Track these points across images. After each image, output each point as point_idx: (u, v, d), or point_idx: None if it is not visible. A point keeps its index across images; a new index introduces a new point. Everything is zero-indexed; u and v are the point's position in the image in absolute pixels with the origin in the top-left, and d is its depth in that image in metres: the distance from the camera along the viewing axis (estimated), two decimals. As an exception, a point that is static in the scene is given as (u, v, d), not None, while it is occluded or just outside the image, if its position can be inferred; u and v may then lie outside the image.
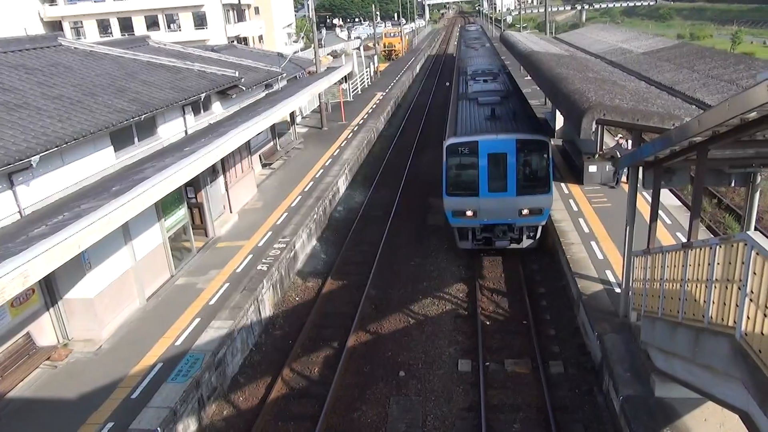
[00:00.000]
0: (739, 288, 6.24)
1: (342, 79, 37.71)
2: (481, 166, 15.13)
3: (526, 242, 16.25)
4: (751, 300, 6.00)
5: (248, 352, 13.34)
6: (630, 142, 12.28)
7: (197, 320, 12.91)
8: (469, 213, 15.58)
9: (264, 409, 11.41)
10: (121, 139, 15.53)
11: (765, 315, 5.67)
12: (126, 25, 52.05)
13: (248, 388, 12.24)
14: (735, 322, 6.33)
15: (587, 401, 11.03)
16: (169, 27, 54.01)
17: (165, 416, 9.89)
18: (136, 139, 16.28)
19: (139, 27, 51.67)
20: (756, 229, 11.16)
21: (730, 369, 6.47)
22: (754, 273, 5.92)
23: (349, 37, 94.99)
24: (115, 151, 15.28)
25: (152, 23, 53.20)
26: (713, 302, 7.04)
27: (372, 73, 52.07)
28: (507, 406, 11.09)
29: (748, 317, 6.06)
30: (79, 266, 11.86)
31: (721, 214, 20.10)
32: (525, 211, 15.41)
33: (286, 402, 11.78)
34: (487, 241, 16.23)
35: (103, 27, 53.58)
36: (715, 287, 7.00)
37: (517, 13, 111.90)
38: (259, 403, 11.71)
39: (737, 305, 6.30)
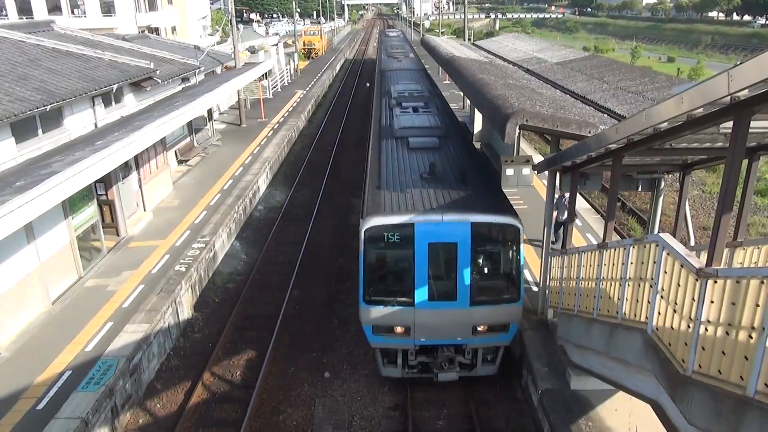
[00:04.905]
0: (651, 286, 6.69)
1: (262, 75, 36.93)
2: (419, 262, 10.12)
3: (482, 370, 11.27)
4: (661, 297, 6.46)
5: (166, 356, 12.75)
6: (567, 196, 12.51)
7: (109, 324, 12.19)
8: (398, 329, 10.61)
9: (183, 415, 10.95)
10: (23, 130, 14.38)
11: (674, 311, 6.11)
12: (24, 7, 48.17)
13: (166, 395, 11.69)
14: (647, 317, 6.77)
15: (508, 396, 11.45)
16: (72, 12, 50.51)
17: (75, 427, 9.25)
18: (40, 131, 15.14)
19: (40, 10, 47.95)
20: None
21: (642, 362, 6.91)
22: (665, 272, 6.38)
23: (267, 33, 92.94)
24: (17, 143, 14.14)
25: (54, 7, 49.59)
26: (626, 299, 7.51)
27: (292, 71, 51.42)
28: (432, 403, 11.30)
29: (659, 313, 6.50)
30: (-26, 268, 10.90)
31: (624, 216, 21.51)
32: (482, 328, 10.60)
33: (207, 407, 11.37)
34: (424, 368, 11.21)
35: (-3, 8, 49.30)
36: (629, 285, 7.48)
37: (434, 18, 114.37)
38: (178, 410, 11.22)
39: (649, 302, 6.75)
